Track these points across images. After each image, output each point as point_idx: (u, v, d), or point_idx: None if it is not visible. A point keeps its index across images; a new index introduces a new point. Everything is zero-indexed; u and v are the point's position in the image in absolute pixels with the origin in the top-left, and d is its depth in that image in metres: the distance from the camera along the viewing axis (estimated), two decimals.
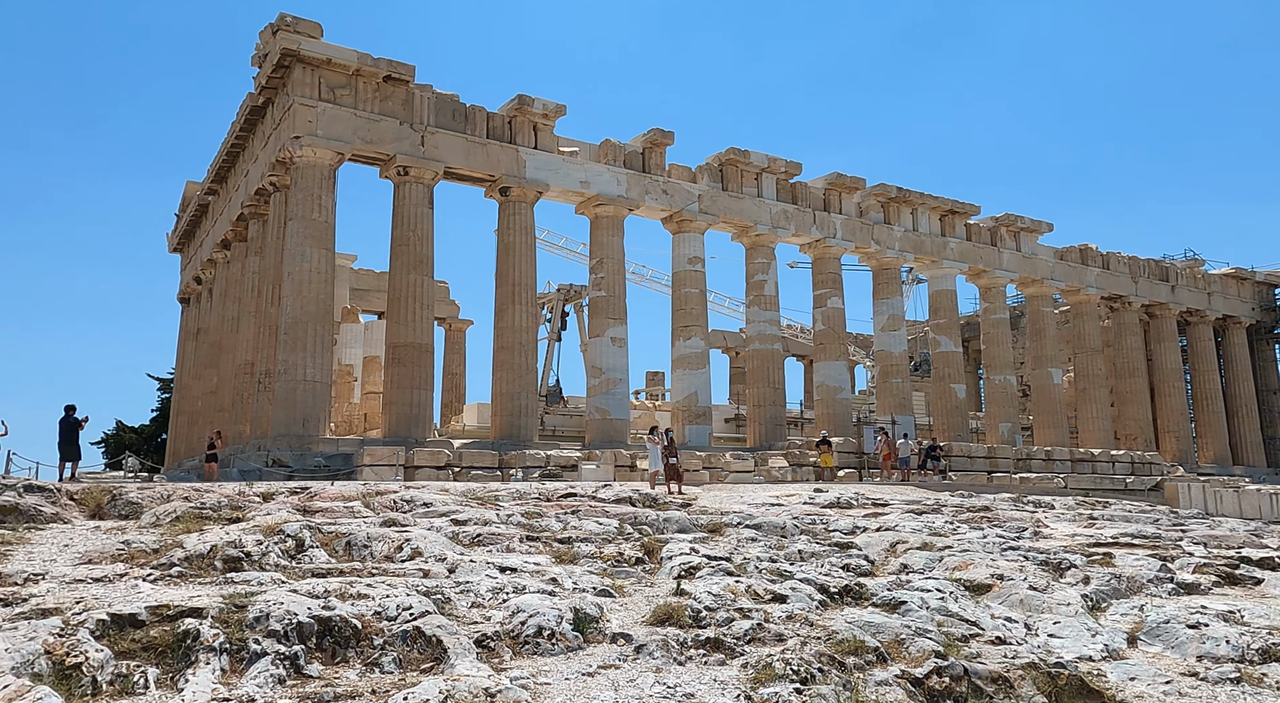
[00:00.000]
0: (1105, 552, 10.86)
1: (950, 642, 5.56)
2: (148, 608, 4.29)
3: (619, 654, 4.63)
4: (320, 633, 4.44)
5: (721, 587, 6.00)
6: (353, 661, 4.36)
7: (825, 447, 25.00)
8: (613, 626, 5.11)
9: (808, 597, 6.14)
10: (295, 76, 22.73)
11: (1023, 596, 7.44)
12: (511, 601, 5.26)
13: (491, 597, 5.46)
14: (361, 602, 4.84)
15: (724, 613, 5.33)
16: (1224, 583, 9.46)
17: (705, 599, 5.57)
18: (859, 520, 12.32)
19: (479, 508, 10.21)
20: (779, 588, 6.31)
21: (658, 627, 5.13)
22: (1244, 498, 21.65)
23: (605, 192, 27.85)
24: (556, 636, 4.76)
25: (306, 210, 22.52)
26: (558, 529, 8.52)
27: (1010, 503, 17.32)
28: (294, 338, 21.97)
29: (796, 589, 6.39)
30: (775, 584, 6.53)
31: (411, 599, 4.90)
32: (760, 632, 5.02)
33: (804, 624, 5.36)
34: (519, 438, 24.84)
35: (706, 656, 4.66)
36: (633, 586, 6.35)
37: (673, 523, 10.25)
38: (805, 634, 5.13)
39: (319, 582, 5.24)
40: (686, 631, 5.03)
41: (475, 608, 5.28)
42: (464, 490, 12.99)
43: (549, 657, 4.63)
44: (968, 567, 8.77)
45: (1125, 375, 39.99)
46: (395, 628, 4.57)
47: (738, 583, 6.18)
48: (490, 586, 5.66)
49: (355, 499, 10.37)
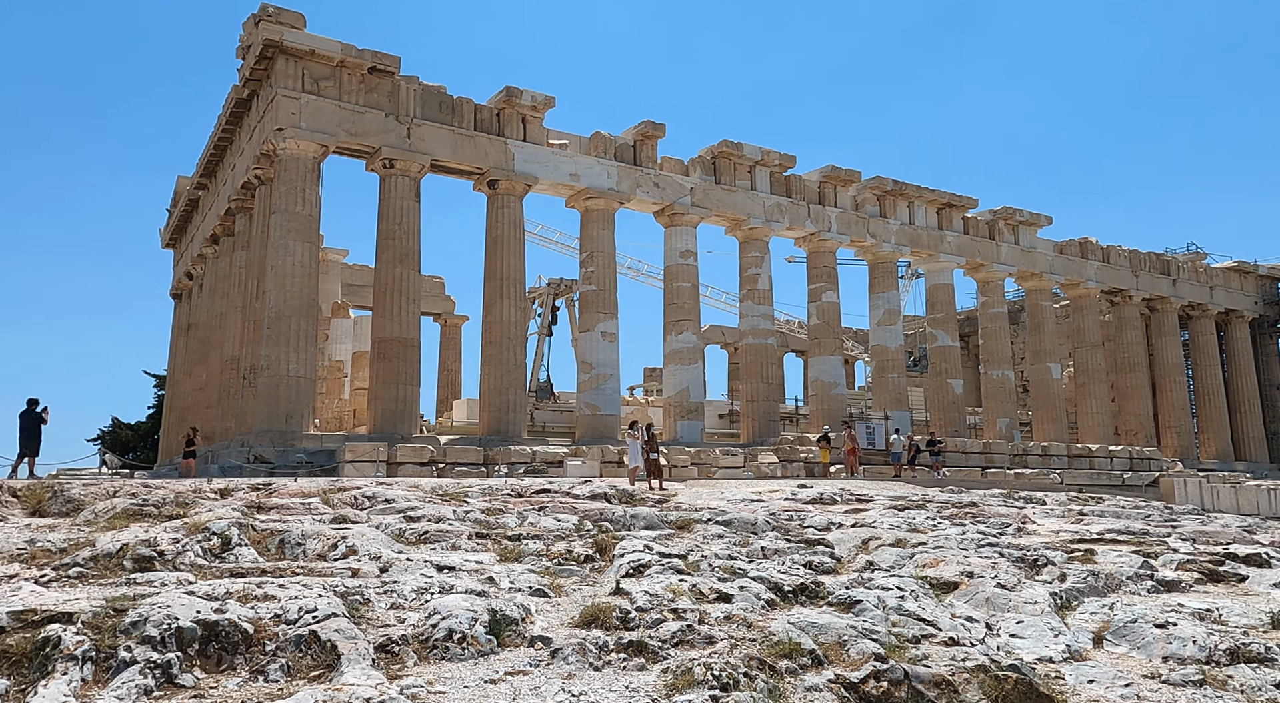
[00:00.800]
0: (1087, 548, 10.56)
1: (898, 643, 5.27)
2: (10, 613, 4.01)
3: (531, 659, 4.36)
4: (205, 639, 4.16)
5: (664, 586, 5.72)
6: (239, 668, 4.08)
7: (824, 443, 24.64)
8: (535, 628, 4.83)
9: (755, 596, 5.85)
10: (278, 68, 22.46)
11: (989, 594, 7.15)
12: (431, 602, 4.98)
13: (415, 598, 5.19)
14: (264, 604, 4.56)
15: (656, 614, 5.05)
16: (1207, 580, 9.15)
17: (640, 599, 5.29)
18: (838, 517, 12.02)
19: (442, 505, 9.94)
20: (728, 587, 6.03)
21: (582, 629, 4.85)
22: (1241, 493, 21.29)
23: (595, 185, 27.54)
24: (468, 640, 4.48)
25: (290, 204, 22.26)
26: (514, 526, 8.24)
27: (999, 499, 17.02)
28: (277, 333, 21.73)
29: (746, 588, 6.11)
30: (725, 583, 6.24)
31: (320, 601, 4.63)
32: (690, 634, 4.74)
33: (741, 625, 5.08)
34: (507, 434, 24.58)
35: (627, 660, 4.38)
36: (573, 585, 6.07)
37: (640, 520, 9.98)
38: (740, 636, 4.85)
39: (227, 583, 4.97)
40: (611, 633, 4.75)
41: (394, 610, 5.01)
42: (434, 487, 12.73)
43: (456, 662, 4.35)
44: (938, 564, 8.48)
45: (1126, 370, 39.58)
46: (291, 633, 4.30)
47: (682, 582, 5.89)
48: (417, 586, 5.39)
49: (315, 496, 10.11)
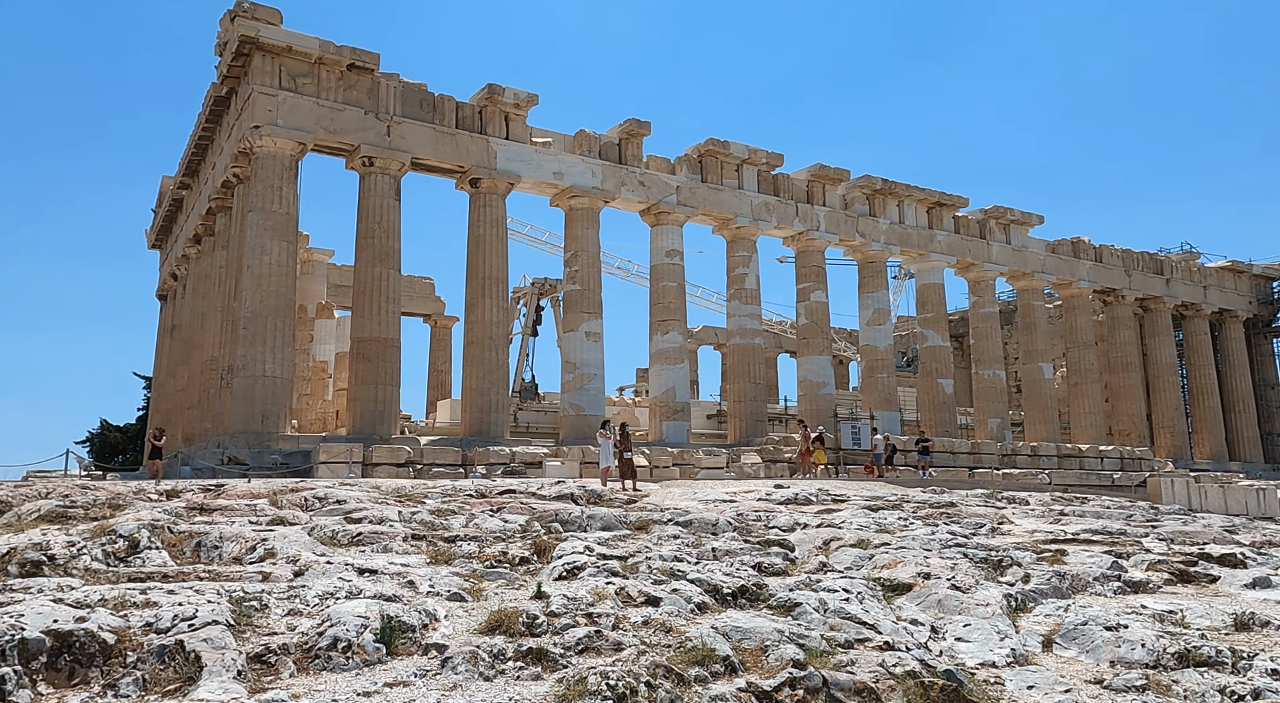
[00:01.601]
0: (1058, 549, 10.30)
1: (828, 649, 5.01)
2: None
3: (418, 669, 4.09)
4: (56, 650, 3.88)
5: (589, 589, 5.45)
6: (92, 682, 3.81)
7: (819, 443, 24.27)
8: (435, 635, 4.56)
9: (686, 600, 5.58)
10: (255, 65, 22.22)
11: (942, 596, 6.88)
12: (329, 608, 4.71)
13: (318, 603, 4.92)
14: (141, 612, 4.30)
15: (568, 619, 4.78)
16: (1177, 581, 8.89)
17: (557, 604, 5.03)
18: (805, 517, 11.76)
19: (393, 506, 9.67)
20: (659, 590, 5.76)
21: (485, 636, 4.59)
22: (1230, 493, 21.02)
23: (579, 183, 27.30)
24: (354, 648, 4.21)
25: (266, 202, 22.01)
26: (457, 528, 7.98)
27: (981, 499, 16.75)
28: (253, 332, 21.47)
29: (680, 591, 5.84)
30: (659, 586, 5.98)
31: (205, 608, 4.36)
32: (598, 640, 4.47)
33: (659, 631, 4.81)
34: (489, 435, 24.32)
35: (522, 669, 4.12)
36: (497, 588, 5.80)
37: (597, 521, 9.71)
38: (655, 642, 4.58)
39: (108, 589, 4.71)
40: (515, 639, 4.48)
41: (290, 616, 4.74)
42: (396, 488, 12.47)
43: (337, 673, 4.09)
44: (896, 565, 8.21)
45: (1119, 370, 39.32)
46: (156, 643, 4.03)
47: (609, 585, 5.63)
48: (324, 590, 5.12)
49: (264, 497, 9.85)
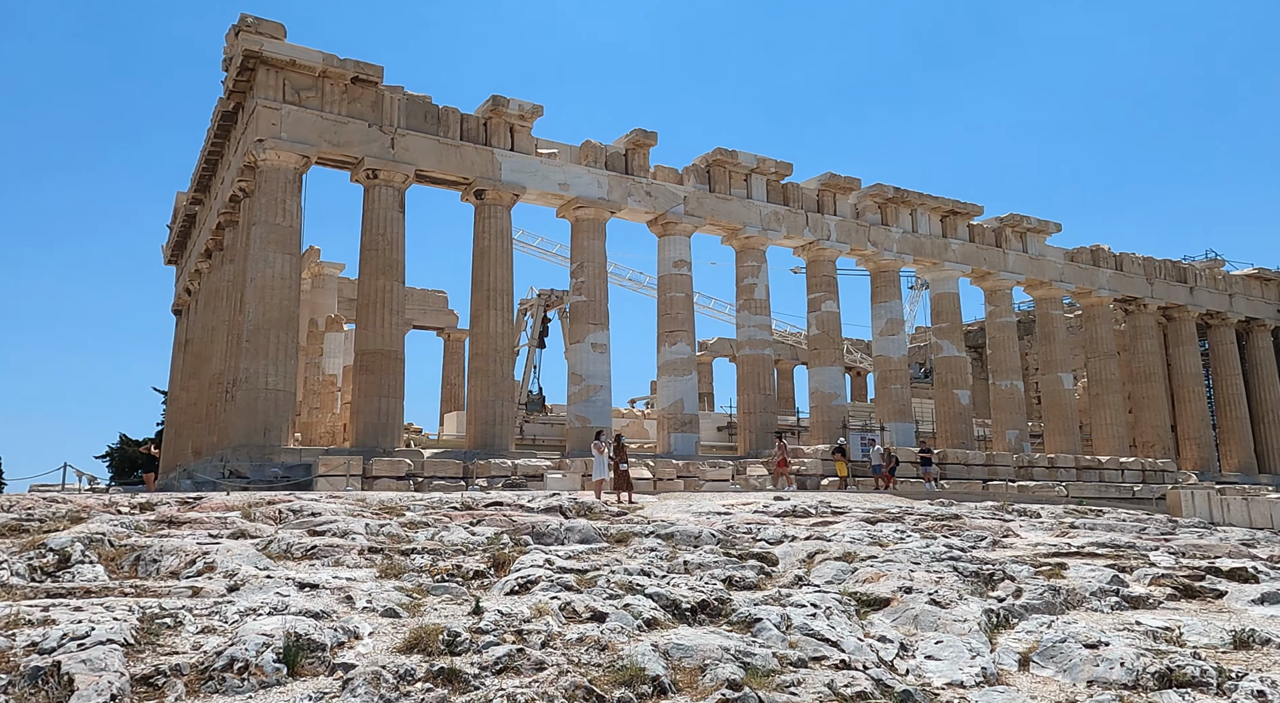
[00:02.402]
0: (1059, 562, 9.88)
1: (778, 667, 4.69)
2: None
3: (316, 692, 3.84)
4: None
5: (533, 605, 5.18)
6: None
7: (839, 455, 23.76)
8: (348, 654, 4.31)
9: (634, 616, 5.29)
10: (260, 79, 22.33)
11: (919, 611, 6.53)
12: (245, 625, 4.47)
13: (237, 620, 4.69)
14: (31, 630, 4.08)
15: (493, 637, 4.51)
16: (1180, 596, 8.46)
17: (489, 619, 4.76)
18: (796, 530, 11.41)
19: (365, 518, 9.45)
20: (610, 605, 5.47)
21: (402, 655, 4.33)
22: (1254, 506, 20.29)
23: (585, 194, 27.16)
24: (251, 669, 3.97)
25: (270, 215, 22.05)
26: (421, 541, 7.74)
27: (988, 512, 16.28)
28: (256, 345, 21.45)
29: (631, 606, 5.54)
30: (612, 600, 5.69)
31: (104, 626, 4.14)
32: (519, 659, 4.20)
33: (593, 649, 4.53)
34: (494, 447, 24.11)
35: (429, 691, 3.85)
36: (438, 603, 5.54)
37: (575, 533, 9.43)
38: (585, 661, 4.30)
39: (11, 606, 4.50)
40: (431, 659, 4.22)
41: (203, 633, 4.51)
42: (381, 501, 12.26)
43: (229, 696, 3.85)
44: (878, 579, 7.86)
45: (1142, 380, 38.44)
46: (33, 664, 3.80)
47: (554, 600, 5.35)
48: (248, 606, 4.89)
49: (237, 510, 9.67)
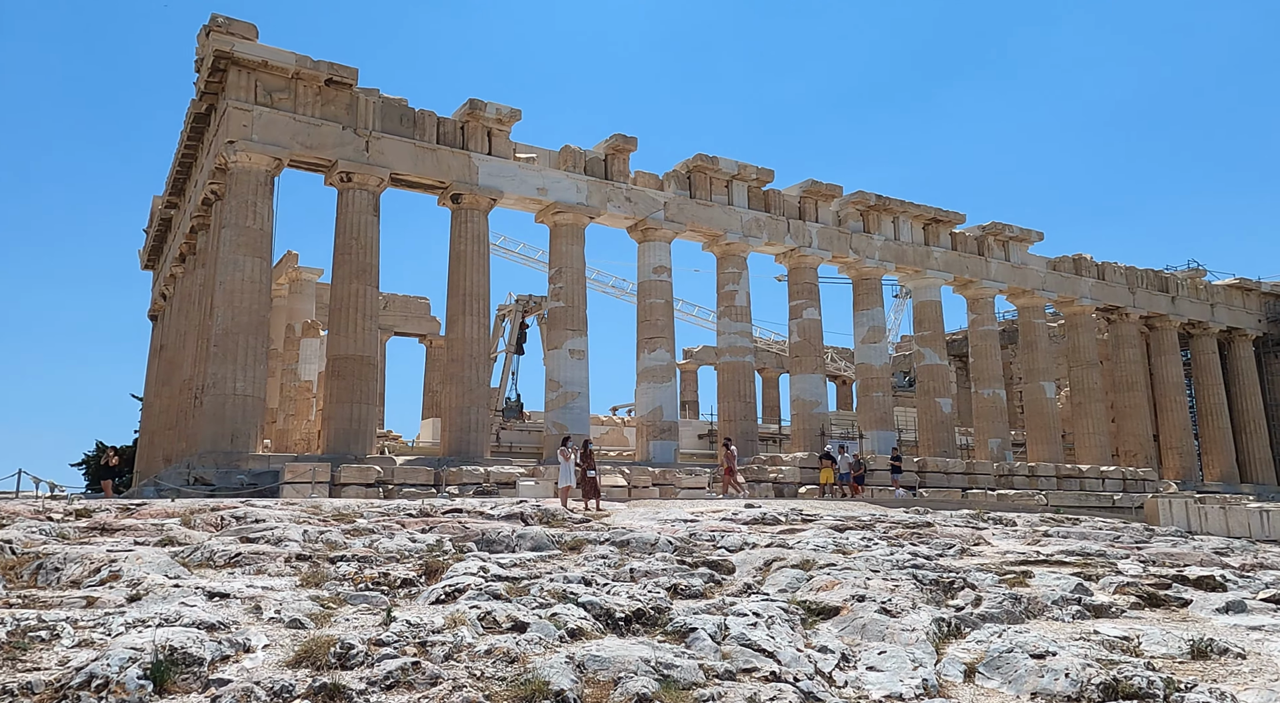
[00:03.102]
0: (1024, 570, 9.66)
1: (702, 680, 4.43)
2: None
3: None
4: None
5: (450, 614, 4.91)
6: None
7: (828, 461, 23.42)
8: (229, 669, 4.04)
9: (558, 626, 5.02)
10: (231, 80, 22.05)
11: (867, 620, 6.28)
12: (121, 639, 4.18)
13: (122, 632, 4.40)
14: None
15: (392, 649, 4.24)
16: (1144, 605, 8.23)
17: (395, 630, 4.48)
18: (759, 537, 11.15)
19: (312, 525, 9.15)
20: (535, 615, 5.20)
21: (289, 669, 4.06)
22: (1231, 515, 20.17)
23: (564, 199, 26.95)
24: (111, 687, 3.69)
25: (240, 218, 21.73)
26: (358, 548, 7.46)
27: (963, 519, 16.06)
28: (224, 350, 21.10)
29: (560, 615, 5.27)
30: (539, 609, 5.42)
31: None
32: (413, 674, 3.93)
33: (502, 661, 4.27)
34: (469, 454, 23.81)
35: None
36: (353, 613, 5.27)
37: (527, 540, 9.15)
38: (490, 674, 4.03)
39: None
40: (320, 673, 3.95)
41: (80, 647, 4.23)
42: (337, 508, 11.95)
43: None
44: (833, 587, 7.61)
45: (1124, 389, 38.42)
46: None
47: (473, 609, 5.08)
48: (138, 617, 4.60)
49: (177, 516, 9.35)
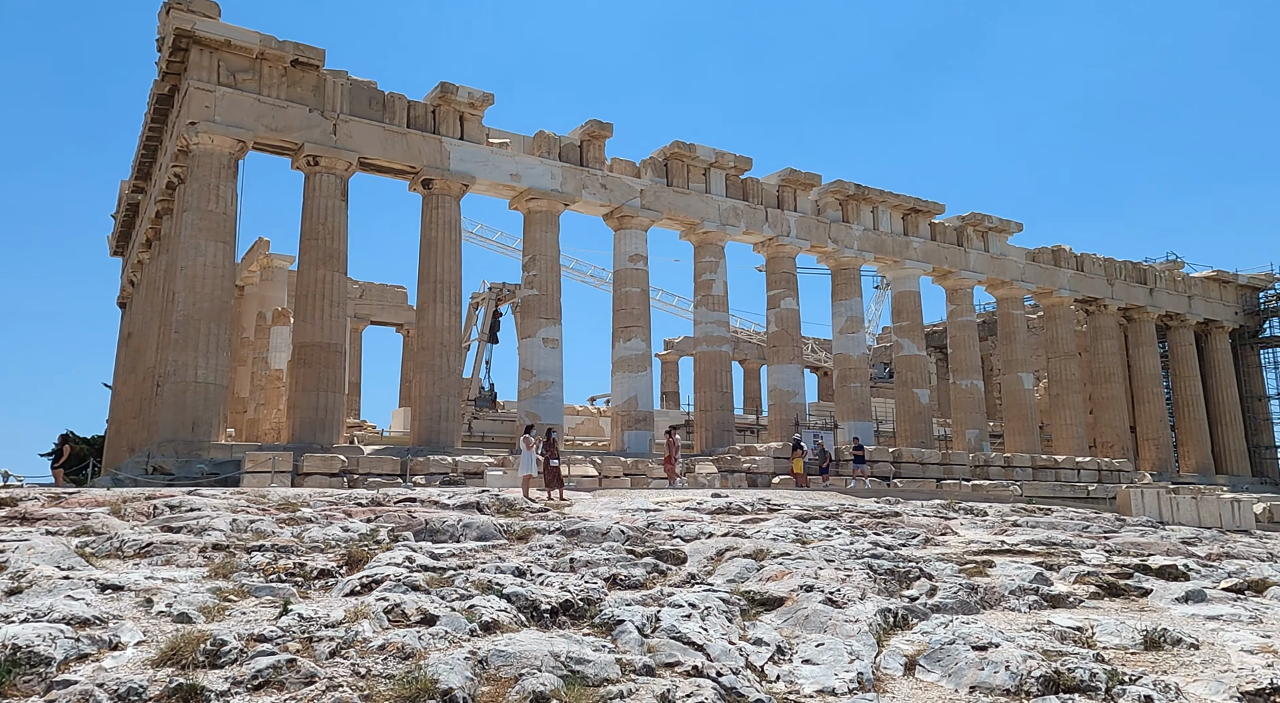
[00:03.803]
0: (986, 560, 9.44)
1: (617, 676, 4.14)
2: None
3: None
4: None
5: (352, 607, 4.61)
6: None
7: (799, 451, 23.15)
8: (83, 670, 3.72)
9: (471, 620, 4.72)
10: (193, 60, 21.48)
11: (811, 611, 6.01)
12: None
13: None
14: None
15: (272, 645, 3.93)
16: (1104, 595, 8.03)
17: (284, 623, 4.17)
18: (716, 526, 10.90)
19: (244, 514, 8.80)
20: (448, 607, 4.90)
21: (153, 668, 3.74)
22: (1203, 505, 20.14)
23: (538, 185, 26.53)
24: None
25: (202, 201, 21.21)
26: (286, 537, 7.14)
27: (933, 510, 15.88)
28: (185, 337, 20.61)
29: (477, 608, 4.97)
30: (459, 601, 5.12)
31: None
32: (286, 672, 3.63)
33: (394, 657, 3.98)
34: (439, 443, 23.43)
35: None
36: (253, 605, 4.95)
37: (472, 530, 8.84)
38: (377, 672, 3.73)
39: None
40: (185, 673, 3.64)
41: None
42: (284, 497, 11.58)
43: None
44: (783, 577, 7.35)
45: (1102, 381, 38.44)
46: None
47: (380, 601, 4.78)
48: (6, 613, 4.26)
49: (106, 505, 8.98)
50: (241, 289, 36.63)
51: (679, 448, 20.86)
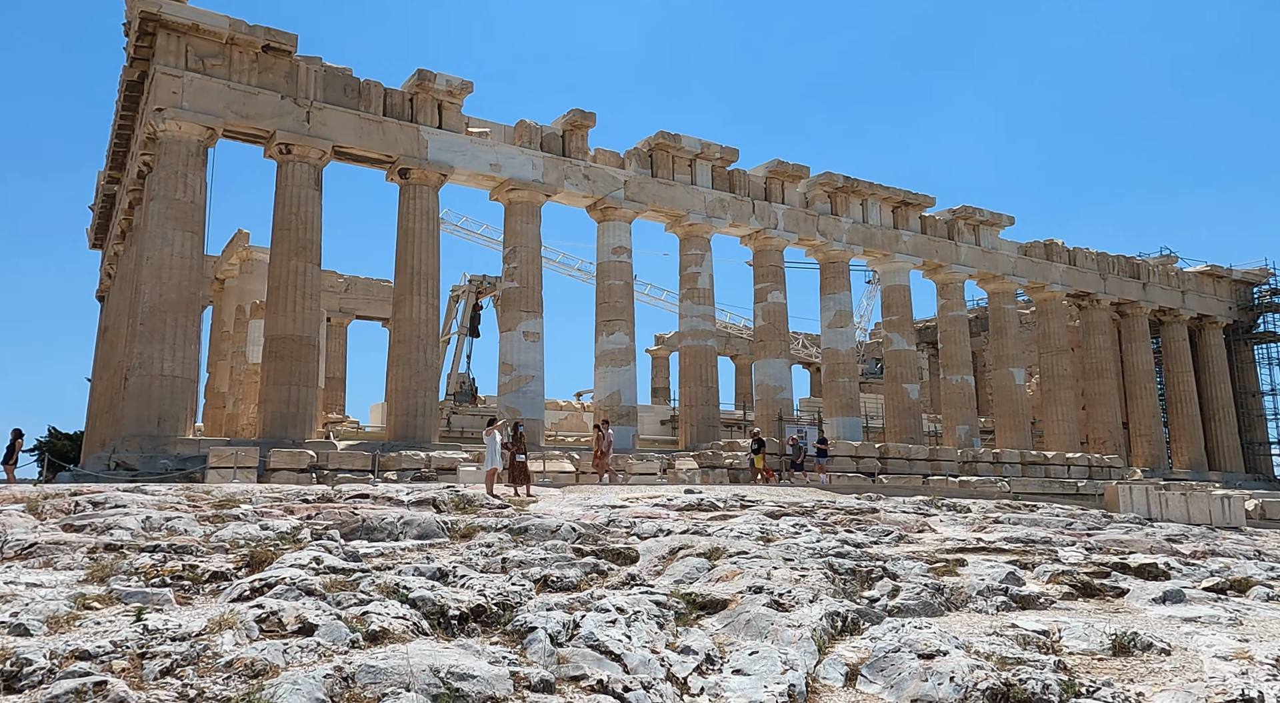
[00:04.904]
0: (958, 559, 8.98)
1: (505, 694, 3.65)
2: None
3: None
4: None
5: (215, 616, 4.14)
6: None
7: (761, 447, 22.61)
8: None
9: (351, 629, 4.25)
10: (160, 44, 20.93)
11: (753, 615, 5.54)
12: None
13: None
14: None
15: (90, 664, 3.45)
16: (1077, 595, 7.57)
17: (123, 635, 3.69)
18: (686, 524, 10.42)
19: (169, 512, 8.31)
20: (333, 615, 4.42)
21: None
22: (1192, 502, 19.68)
23: (519, 176, 26.02)
24: None
25: (169, 190, 20.67)
26: (194, 537, 6.66)
27: (914, 506, 15.41)
28: (151, 329, 20.08)
29: (369, 615, 4.50)
30: (355, 608, 4.65)
31: None
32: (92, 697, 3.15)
33: (239, 675, 3.52)
34: (415, 439, 22.94)
35: None
36: (114, 615, 4.46)
37: (414, 527, 8.37)
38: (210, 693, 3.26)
39: None
40: None
41: None
42: (228, 494, 11.10)
43: None
44: (733, 578, 6.88)
45: (1094, 376, 38.03)
46: None
47: (255, 608, 4.31)
48: None
49: (22, 502, 8.48)
50: (222, 282, 36.10)
51: (610, 442, 19.90)
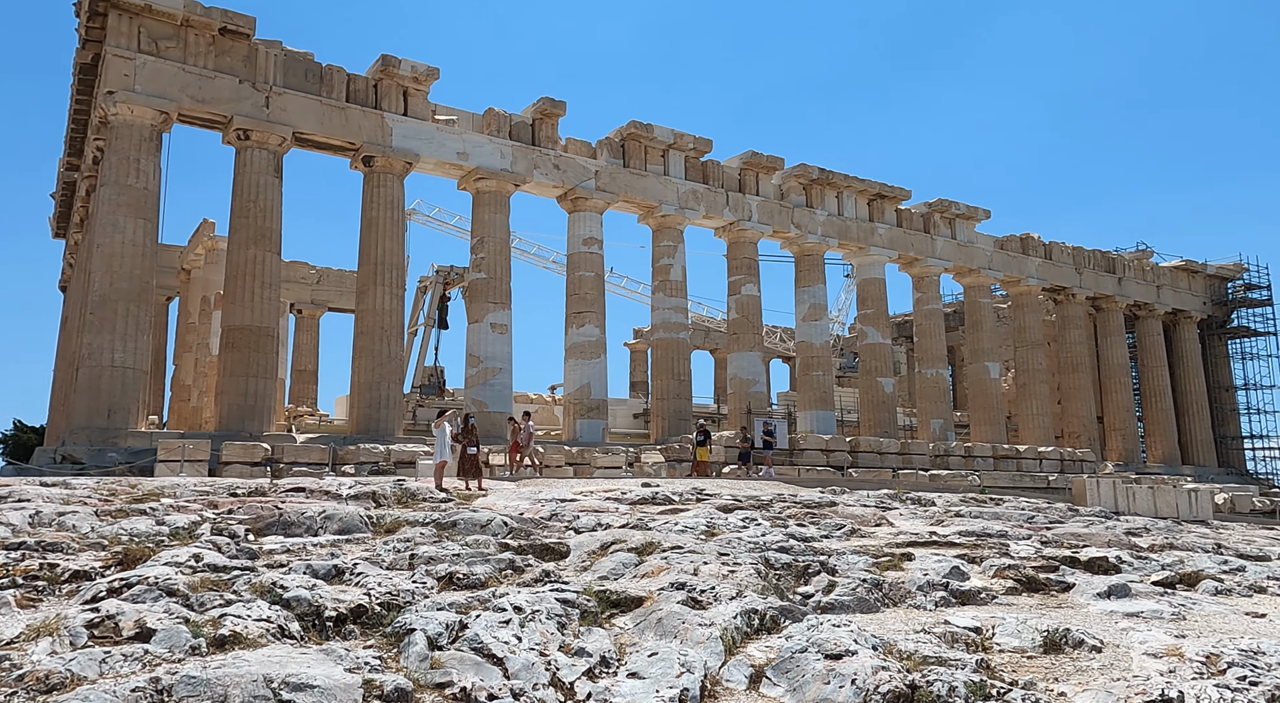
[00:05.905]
0: (905, 553, 8.69)
1: None
2: None
3: None
4: None
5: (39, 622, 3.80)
6: None
7: (705, 440, 21.98)
8: None
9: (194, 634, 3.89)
10: (112, 25, 20.32)
11: (665, 614, 5.21)
12: None
13: None
14: None
15: None
16: (1021, 590, 7.29)
17: None
18: (631, 517, 10.09)
19: (85, 506, 7.89)
20: (180, 619, 4.06)
21: None
22: (1159, 495, 19.59)
23: (486, 165, 25.55)
24: None
25: (121, 175, 20.09)
26: (67, 534, 6.27)
27: (875, 500, 15.17)
28: (101, 318, 19.53)
29: (226, 617, 4.14)
30: (216, 609, 4.28)
31: None
32: None
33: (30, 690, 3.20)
34: (379, 431, 22.49)
35: None
36: None
37: (334, 521, 7.99)
38: None
39: None
40: None
41: None
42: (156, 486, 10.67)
43: None
44: (659, 573, 6.55)
45: (1069, 371, 38.00)
46: None
47: (90, 611, 3.96)
48: None
49: None
50: (189, 273, 35.44)
51: (532, 435, 19.27)
